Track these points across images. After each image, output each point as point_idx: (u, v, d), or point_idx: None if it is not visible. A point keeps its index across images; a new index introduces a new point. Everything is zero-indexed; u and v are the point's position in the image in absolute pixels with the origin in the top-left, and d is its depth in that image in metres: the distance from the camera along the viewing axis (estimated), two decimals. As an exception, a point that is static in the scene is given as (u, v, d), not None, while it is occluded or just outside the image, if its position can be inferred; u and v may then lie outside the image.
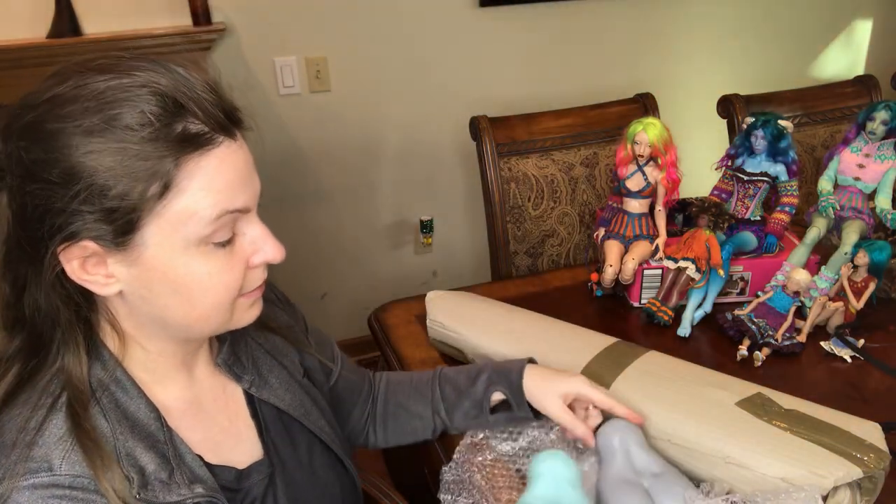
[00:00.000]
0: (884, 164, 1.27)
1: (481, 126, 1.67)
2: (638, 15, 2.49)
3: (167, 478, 0.61)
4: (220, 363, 0.74)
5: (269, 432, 0.75)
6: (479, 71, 2.36)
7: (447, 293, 1.23)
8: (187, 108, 0.57)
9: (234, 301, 0.64)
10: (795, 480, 0.79)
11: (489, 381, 0.89)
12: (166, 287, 0.60)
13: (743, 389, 0.92)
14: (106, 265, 0.59)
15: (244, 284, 0.65)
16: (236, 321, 0.67)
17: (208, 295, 0.62)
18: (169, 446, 0.63)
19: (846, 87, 1.99)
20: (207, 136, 0.58)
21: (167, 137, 0.56)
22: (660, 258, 1.28)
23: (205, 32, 1.92)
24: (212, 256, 0.61)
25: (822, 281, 1.24)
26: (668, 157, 1.27)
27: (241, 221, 0.63)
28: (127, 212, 0.56)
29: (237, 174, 0.60)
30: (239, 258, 0.63)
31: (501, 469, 0.89)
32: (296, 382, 0.80)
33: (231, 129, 0.60)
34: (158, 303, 0.61)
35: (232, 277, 0.63)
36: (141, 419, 0.62)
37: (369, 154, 2.34)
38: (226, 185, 0.59)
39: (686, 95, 2.63)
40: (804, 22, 2.77)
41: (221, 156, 0.59)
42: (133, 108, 0.55)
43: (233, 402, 0.74)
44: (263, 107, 2.15)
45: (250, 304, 0.68)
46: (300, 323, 0.89)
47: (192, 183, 0.57)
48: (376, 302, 1.40)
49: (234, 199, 0.60)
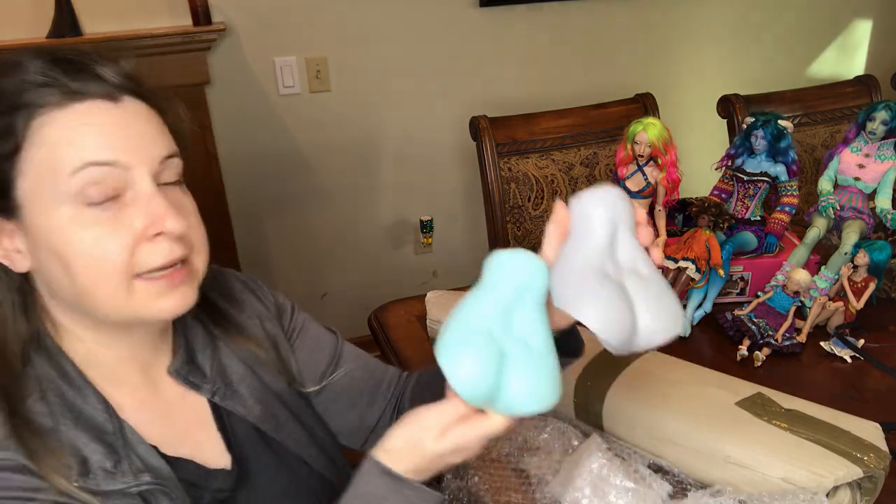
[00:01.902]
0: (884, 164, 1.27)
1: (481, 126, 1.67)
2: (638, 15, 2.49)
3: (112, 467, 0.60)
4: (173, 372, 0.70)
5: (239, 444, 0.72)
6: (479, 71, 2.36)
7: (447, 293, 1.23)
8: (54, 69, 0.58)
9: (129, 280, 0.59)
10: (795, 480, 0.79)
11: None
12: (51, 255, 0.59)
13: (743, 389, 0.92)
14: (13, 238, 0.60)
15: (138, 260, 0.59)
16: (139, 309, 0.61)
17: (85, 264, 0.58)
18: (118, 437, 0.62)
19: (846, 87, 1.99)
20: (69, 92, 0.58)
21: (24, 94, 0.57)
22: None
23: (205, 32, 1.92)
24: (90, 220, 0.58)
25: (822, 281, 1.24)
26: (668, 157, 1.27)
27: (131, 187, 0.59)
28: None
29: (103, 129, 0.59)
30: (124, 225, 0.59)
31: (499, 469, 0.89)
32: (271, 393, 0.76)
33: (110, 91, 0.60)
34: (51, 275, 0.60)
35: (112, 246, 0.58)
36: (87, 411, 0.62)
37: (369, 154, 2.34)
38: (87, 138, 0.58)
39: (686, 95, 2.63)
40: (804, 22, 2.77)
41: (83, 111, 0.58)
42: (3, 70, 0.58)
43: (194, 413, 0.71)
44: (263, 107, 2.15)
45: (159, 292, 0.61)
46: (288, 330, 0.84)
47: (47, 135, 0.57)
48: (376, 302, 1.40)
49: (100, 152, 0.58)
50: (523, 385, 0.57)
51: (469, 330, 0.57)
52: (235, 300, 0.79)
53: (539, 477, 0.87)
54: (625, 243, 0.62)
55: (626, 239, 0.63)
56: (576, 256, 0.61)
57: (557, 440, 0.92)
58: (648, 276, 0.62)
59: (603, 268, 0.60)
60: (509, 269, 0.60)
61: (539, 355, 0.58)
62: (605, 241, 0.61)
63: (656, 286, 0.62)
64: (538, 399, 0.58)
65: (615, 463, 0.84)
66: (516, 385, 0.57)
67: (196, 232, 0.65)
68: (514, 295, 0.59)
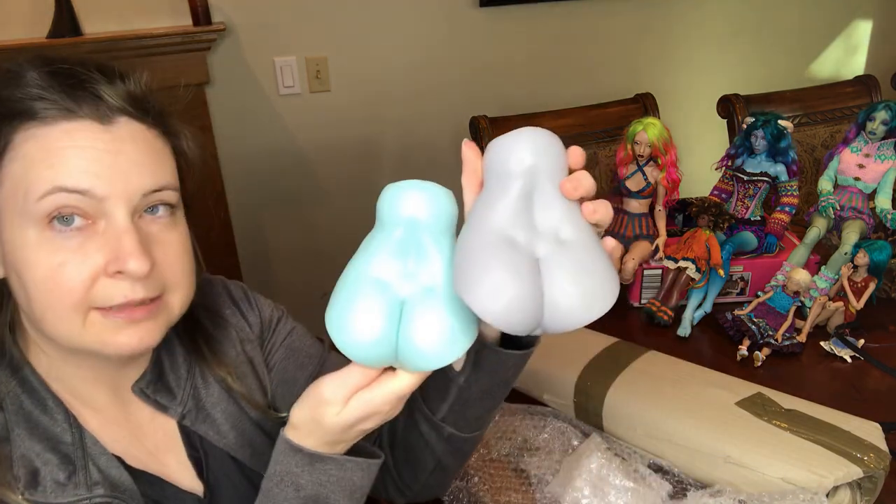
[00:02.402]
0: (884, 164, 1.27)
1: (481, 126, 1.67)
2: (638, 15, 2.49)
3: (65, 478, 0.59)
4: (137, 391, 0.67)
5: (212, 472, 0.69)
6: (478, 71, 2.36)
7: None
8: (51, 83, 0.55)
9: (84, 311, 0.56)
10: (795, 480, 0.79)
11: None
12: (14, 272, 0.57)
13: (743, 389, 0.92)
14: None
15: (95, 294, 0.55)
16: (96, 341, 0.57)
17: (41, 288, 0.55)
18: (77, 447, 0.61)
19: (846, 87, 1.99)
20: (58, 108, 0.55)
21: (13, 104, 0.55)
22: (660, 258, 1.28)
23: (205, 32, 1.92)
24: (52, 245, 0.55)
25: (822, 281, 1.24)
26: (668, 157, 1.27)
27: (105, 217, 0.56)
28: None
29: (85, 154, 0.55)
30: (86, 256, 0.55)
31: (499, 469, 0.89)
32: (248, 419, 0.72)
33: (104, 113, 0.56)
34: (14, 291, 0.58)
35: (68, 275, 0.54)
36: (43, 422, 0.60)
37: (369, 154, 2.34)
38: (64, 161, 0.54)
39: (686, 95, 2.63)
40: (804, 22, 2.77)
41: (68, 131, 0.55)
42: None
43: (163, 434, 0.68)
44: (263, 107, 2.15)
45: (115, 327, 0.57)
46: (268, 355, 0.79)
47: (25, 150, 0.55)
48: (376, 302, 1.39)
49: (74, 179, 0.54)
50: (427, 334, 0.50)
51: (355, 285, 0.51)
52: (220, 318, 0.75)
53: (539, 477, 0.87)
54: (546, 200, 0.50)
55: (549, 194, 0.50)
56: (480, 220, 0.50)
57: (557, 440, 0.92)
58: (572, 241, 0.49)
59: (508, 234, 0.48)
60: (401, 204, 0.52)
61: (577, 248, 0.48)
62: (516, 198, 0.49)
63: (581, 253, 0.48)
64: (448, 347, 0.50)
65: (615, 463, 0.84)
66: (419, 335, 0.50)
67: (173, 269, 0.60)
68: (409, 233, 0.51)
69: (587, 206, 0.51)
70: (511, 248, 0.47)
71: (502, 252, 0.47)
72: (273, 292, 2.37)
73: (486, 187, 0.52)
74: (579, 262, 0.48)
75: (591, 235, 0.50)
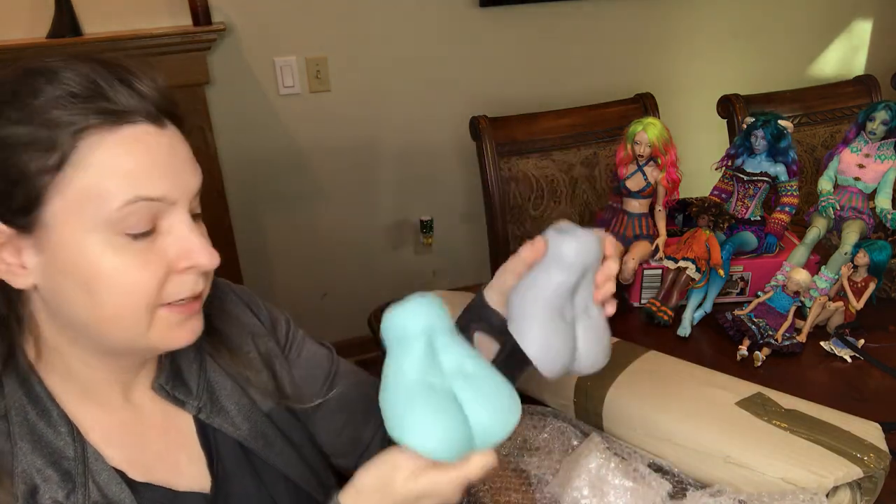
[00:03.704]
0: (884, 164, 1.27)
1: (481, 126, 1.67)
2: (638, 15, 2.49)
3: (64, 497, 0.58)
4: (157, 387, 0.68)
5: (221, 463, 0.70)
6: (478, 71, 2.36)
7: (447, 293, 1.23)
8: (102, 85, 0.55)
9: (153, 310, 0.58)
10: (795, 480, 0.79)
11: (462, 327, 0.73)
12: (73, 279, 0.56)
13: (743, 389, 0.92)
14: (20, 253, 0.56)
15: (166, 291, 0.58)
16: (156, 339, 0.60)
17: (115, 292, 0.56)
18: (78, 462, 0.60)
19: (846, 87, 1.99)
20: (119, 112, 0.55)
21: (73, 108, 0.54)
22: (660, 258, 1.28)
23: (205, 32, 1.92)
24: (125, 249, 0.56)
25: (822, 281, 1.24)
26: (668, 157, 1.27)
27: (167, 217, 0.58)
28: (28, 184, 0.54)
29: (156, 160, 0.56)
30: (158, 257, 0.57)
31: (499, 469, 0.89)
32: (260, 412, 0.73)
33: (155, 114, 0.57)
34: (66, 298, 0.57)
35: (145, 276, 0.56)
36: (48, 435, 0.60)
37: (369, 154, 2.34)
38: (139, 169, 0.55)
39: (686, 95, 2.63)
40: (804, 22, 2.77)
41: (135, 136, 0.55)
42: (43, 79, 0.54)
43: (177, 431, 0.69)
44: (263, 107, 2.15)
45: (178, 322, 0.60)
46: (286, 347, 0.81)
47: (96, 159, 0.54)
48: (376, 302, 1.39)
49: (151, 186, 0.55)
50: (485, 413, 0.56)
51: (414, 396, 0.55)
52: (229, 315, 0.76)
53: (539, 477, 0.87)
54: (585, 289, 0.66)
55: (587, 286, 0.66)
56: (537, 287, 0.64)
57: (557, 440, 0.92)
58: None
59: (559, 306, 0.64)
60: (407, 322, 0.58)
61: (482, 378, 0.58)
62: (568, 284, 0.64)
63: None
64: (505, 418, 0.57)
65: (614, 462, 0.84)
66: (478, 417, 0.56)
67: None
68: (426, 341, 0.58)
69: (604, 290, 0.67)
70: (561, 316, 0.63)
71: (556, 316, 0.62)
72: (273, 292, 2.37)
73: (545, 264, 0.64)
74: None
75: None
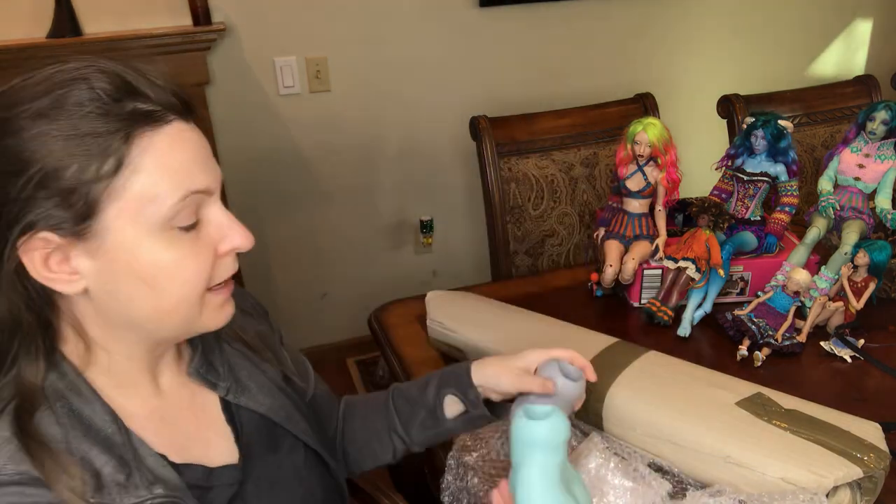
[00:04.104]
0: (884, 164, 1.27)
1: (481, 126, 1.67)
2: (638, 15, 2.49)
3: (125, 480, 0.59)
4: (193, 372, 0.72)
5: (246, 437, 0.74)
6: (479, 71, 2.36)
7: (447, 293, 1.23)
8: (136, 86, 0.57)
9: (203, 295, 0.62)
10: (795, 480, 0.79)
11: (439, 385, 0.84)
12: (132, 277, 0.58)
13: (743, 389, 0.92)
14: (69, 261, 0.58)
15: (213, 275, 0.63)
16: (206, 321, 0.65)
17: (176, 283, 0.60)
18: (127, 448, 0.61)
19: (846, 87, 1.99)
20: (158, 113, 0.58)
21: (117, 113, 0.55)
22: (660, 258, 1.28)
23: (205, 32, 1.92)
24: (177, 242, 0.59)
25: (822, 281, 1.24)
26: (668, 157, 1.27)
27: (205, 207, 0.62)
28: (84, 193, 0.55)
29: (194, 154, 0.60)
30: (205, 244, 0.62)
31: (499, 469, 0.89)
32: (276, 387, 0.79)
33: (182, 110, 0.60)
34: (124, 296, 0.60)
35: (199, 264, 0.61)
36: (96, 423, 0.61)
37: (369, 154, 2.34)
38: (183, 165, 0.59)
39: (686, 95, 2.63)
40: (804, 22, 2.77)
41: (174, 134, 0.58)
42: (81, 86, 0.55)
43: (203, 412, 0.72)
44: (263, 107, 2.15)
45: (220, 304, 0.65)
46: (276, 335, 0.87)
47: (148, 161, 0.56)
48: (376, 302, 1.40)
49: (195, 180, 0.59)
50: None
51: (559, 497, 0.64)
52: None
53: (539, 477, 0.87)
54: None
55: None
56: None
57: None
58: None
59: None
60: (562, 430, 0.68)
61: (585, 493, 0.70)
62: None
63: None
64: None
65: (614, 462, 0.84)
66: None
67: None
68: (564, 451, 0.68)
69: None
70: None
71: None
72: (273, 292, 2.37)
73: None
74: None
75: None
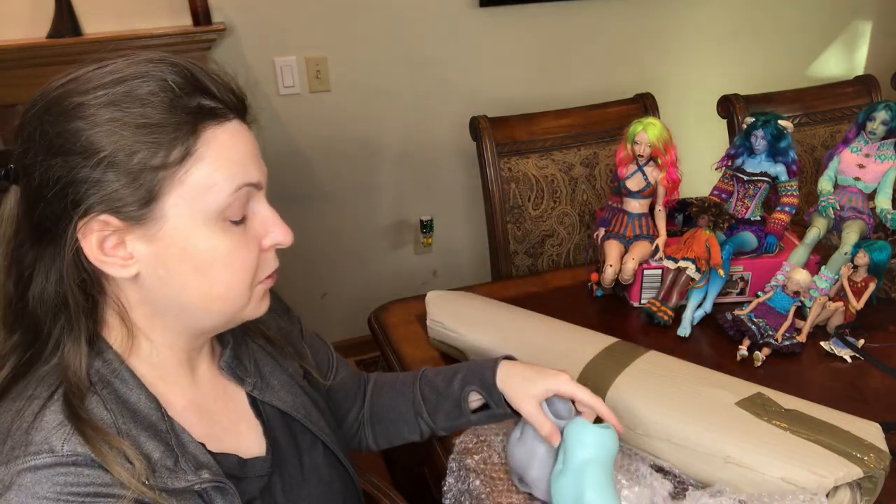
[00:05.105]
0: (884, 164, 1.27)
1: (481, 126, 1.67)
2: (638, 15, 2.49)
3: (173, 465, 0.61)
4: (224, 366, 0.75)
5: (272, 432, 0.76)
6: (478, 71, 2.36)
7: (447, 293, 1.23)
8: (203, 82, 0.60)
9: (252, 286, 0.66)
10: (795, 480, 0.79)
11: (464, 380, 0.88)
12: (186, 264, 0.61)
13: (743, 389, 0.92)
14: (125, 245, 0.60)
15: (259, 268, 0.66)
16: (249, 310, 0.68)
17: (228, 271, 0.63)
18: (171, 435, 0.63)
19: (846, 87, 1.99)
20: (222, 109, 0.61)
21: (186, 106, 0.58)
22: (660, 258, 1.28)
23: (205, 32, 1.92)
24: (231, 233, 0.62)
25: (822, 281, 1.24)
26: (668, 157, 1.27)
27: (252, 202, 0.65)
28: (148, 179, 0.57)
29: (248, 150, 0.63)
30: (252, 238, 0.65)
31: (500, 472, 0.89)
32: (296, 385, 0.81)
33: (241, 109, 0.64)
34: (177, 282, 0.62)
35: (249, 256, 0.64)
36: (142, 409, 0.62)
37: (369, 154, 2.34)
38: (240, 159, 0.62)
39: (686, 95, 2.63)
40: (804, 22, 2.77)
41: (233, 131, 0.62)
42: (154, 77, 0.58)
43: (234, 404, 0.75)
44: (263, 107, 2.15)
45: (261, 296, 0.69)
46: (297, 329, 0.89)
47: (210, 152, 0.59)
48: (376, 302, 1.40)
49: (249, 173, 0.63)
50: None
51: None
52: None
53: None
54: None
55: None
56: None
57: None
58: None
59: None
60: (614, 441, 0.79)
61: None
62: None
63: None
64: None
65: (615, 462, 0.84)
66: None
67: None
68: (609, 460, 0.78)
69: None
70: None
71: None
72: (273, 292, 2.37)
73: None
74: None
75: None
